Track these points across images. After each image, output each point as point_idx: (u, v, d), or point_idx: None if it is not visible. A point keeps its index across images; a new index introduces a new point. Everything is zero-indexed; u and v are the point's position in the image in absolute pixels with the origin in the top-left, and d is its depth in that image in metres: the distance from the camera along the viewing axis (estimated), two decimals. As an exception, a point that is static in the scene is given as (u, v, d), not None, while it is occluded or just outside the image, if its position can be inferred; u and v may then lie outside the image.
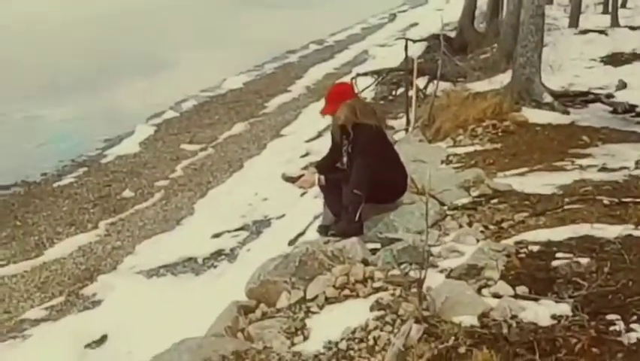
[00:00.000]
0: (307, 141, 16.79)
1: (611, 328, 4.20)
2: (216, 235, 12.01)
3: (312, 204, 10.52)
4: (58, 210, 14.43)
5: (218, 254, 11.39)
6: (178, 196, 14.60)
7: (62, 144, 19.22)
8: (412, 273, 5.06)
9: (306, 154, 15.53)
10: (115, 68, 29.34)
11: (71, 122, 21.72)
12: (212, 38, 37.57)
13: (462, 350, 4.11)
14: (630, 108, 13.31)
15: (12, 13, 45.14)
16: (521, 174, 9.00)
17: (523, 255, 5.41)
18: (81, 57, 32.19)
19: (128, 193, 15.04)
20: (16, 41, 36.48)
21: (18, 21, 41.23)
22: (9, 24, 39.85)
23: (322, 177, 6.97)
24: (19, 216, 14.18)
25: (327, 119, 7.48)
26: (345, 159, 7.04)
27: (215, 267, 11.01)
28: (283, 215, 12.12)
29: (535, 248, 5.53)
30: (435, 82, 15.98)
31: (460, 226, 6.61)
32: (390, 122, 15.71)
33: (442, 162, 10.37)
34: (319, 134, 16.74)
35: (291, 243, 9.63)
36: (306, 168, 8.62)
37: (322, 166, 7.19)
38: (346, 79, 19.92)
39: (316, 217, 9.54)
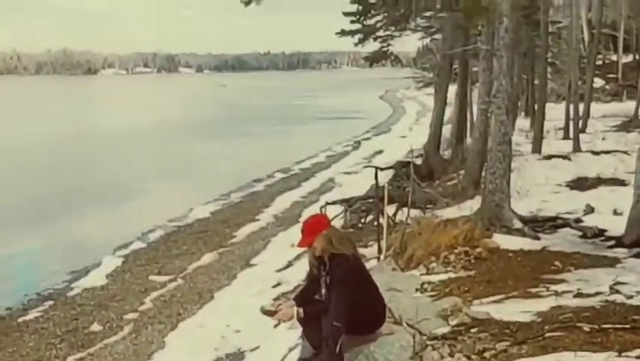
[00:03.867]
0: (278, 271, 16.69)
1: None
2: (189, 370, 11.77)
3: (287, 336, 10.35)
4: (24, 345, 14.15)
5: (191, 389, 11.15)
6: (148, 329, 14.37)
7: (27, 278, 18.96)
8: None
9: (278, 284, 15.42)
10: (78, 198, 29.45)
11: (36, 254, 21.55)
12: (176, 168, 37.91)
13: None
14: (599, 233, 13.40)
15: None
16: (498, 302, 8.96)
17: (508, 386, 5.34)
18: (43, 187, 32.18)
19: (96, 327, 14.81)
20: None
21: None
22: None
23: (301, 310, 6.88)
24: (-17, 353, 13.86)
25: (297, 249, 7.45)
26: (323, 291, 6.98)
27: (187, 402, 10.76)
28: (257, 347, 11.91)
29: (521, 378, 5.47)
30: (404, 209, 16.07)
31: (442, 357, 6.52)
32: (362, 251, 15.64)
33: (417, 290, 10.30)
34: (289, 264, 16.69)
35: (266, 377, 9.44)
36: (278, 298, 8.55)
37: (300, 298, 7.11)
38: (314, 207, 20.00)
39: (291, 349, 9.39)
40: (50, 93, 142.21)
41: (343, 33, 29.34)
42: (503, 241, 12.63)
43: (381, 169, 20.91)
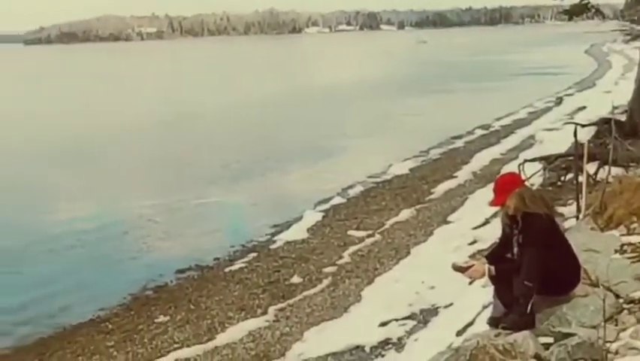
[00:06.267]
0: (474, 228, 16.57)
1: None
2: (384, 324, 11.93)
3: (481, 294, 10.35)
4: (229, 294, 14.81)
5: (385, 343, 11.31)
6: (345, 283, 14.68)
7: (233, 230, 19.83)
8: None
9: (474, 242, 15.33)
10: (283, 155, 30.37)
11: (243, 207, 22.48)
12: (376, 125, 38.22)
13: None
14: None
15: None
16: (703, 267, 8.59)
17: None
18: (252, 143, 33.50)
19: (296, 279, 15.27)
20: (195, 130, 38.51)
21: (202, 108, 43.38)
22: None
23: (492, 268, 6.90)
24: (193, 299, 14.65)
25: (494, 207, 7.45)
26: (515, 250, 6.97)
27: (382, 356, 10.96)
28: (451, 304, 11.96)
29: None
30: (605, 167, 15.58)
31: (638, 321, 6.38)
32: (560, 209, 15.33)
33: (616, 251, 10.00)
34: (486, 222, 16.51)
35: (459, 333, 9.51)
36: (473, 256, 8.56)
37: (492, 256, 7.14)
38: (513, 164, 19.69)
39: (485, 307, 9.40)
40: (258, 52, 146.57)
41: (543, -14, 28.52)
42: None
43: (583, 126, 20.30)
